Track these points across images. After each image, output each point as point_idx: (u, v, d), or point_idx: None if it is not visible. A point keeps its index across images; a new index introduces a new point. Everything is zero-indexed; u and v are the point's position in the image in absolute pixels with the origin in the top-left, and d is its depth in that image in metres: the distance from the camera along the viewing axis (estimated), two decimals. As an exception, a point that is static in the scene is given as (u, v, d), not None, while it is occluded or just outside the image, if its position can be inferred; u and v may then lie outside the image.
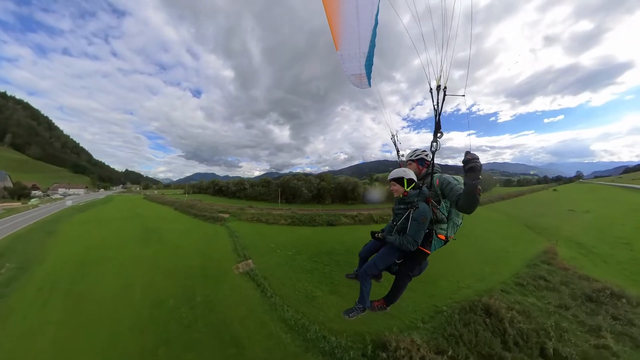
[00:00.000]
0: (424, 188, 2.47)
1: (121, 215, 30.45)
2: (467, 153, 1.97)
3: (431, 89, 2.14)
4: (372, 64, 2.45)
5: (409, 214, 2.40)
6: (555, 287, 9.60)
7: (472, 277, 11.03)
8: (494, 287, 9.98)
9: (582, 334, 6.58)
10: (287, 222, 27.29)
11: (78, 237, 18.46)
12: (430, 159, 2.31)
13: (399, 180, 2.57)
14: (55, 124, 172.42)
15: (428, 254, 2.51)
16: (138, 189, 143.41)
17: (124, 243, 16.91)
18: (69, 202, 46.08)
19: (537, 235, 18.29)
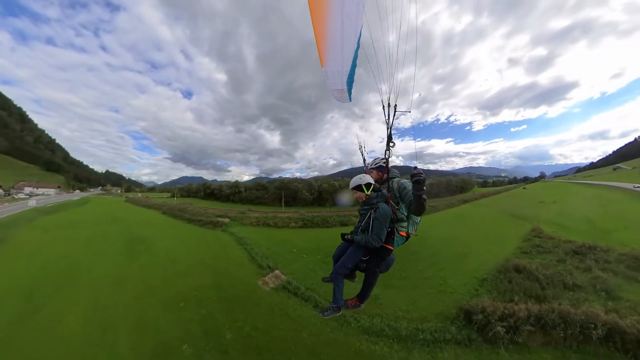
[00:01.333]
0: (384, 190, 2.74)
1: (98, 220, 25.17)
2: (414, 169, 2.25)
3: (383, 106, 2.53)
4: (353, 82, 2.75)
5: (370, 214, 2.55)
6: (551, 250, 12.66)
7: (487, 254, 13.10)
8: (508, 256, 12.07)
9: (581, 273, 9.38)
10: (299, 225, 24.62)
11: (36, 248, 13.82)
12: (386, 165, 2.78)
13: (358, 188, 2.71)
14: (30, 117, 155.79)
15: (391, 250, 2.69)
16: (119, 191, 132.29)
17: (100, 256, 12.62)
18: (32, 203, 38.30)
19: (521, 221, 21.66)
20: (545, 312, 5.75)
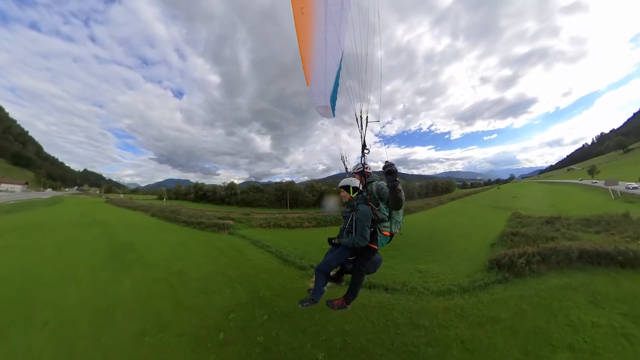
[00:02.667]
0: (364, 193, 2.90)
1: (72, 222, 20.46)
2: (386, 162, 2.40)
3: (357, 118, 2.79)
4: (336, 99, 3.07)
5: (353, 216, 2.72)
6: (530, 223, 16.23)
7: (486, 231, 16.38)
8: (502, 230, 15.02)
9: (554, 232, 12.67)
10: (313, 224, 23.08)
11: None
12: (368, 171, 3.02)
13: (347, 188, 3.00)
14: (1, 105, 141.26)
15: (376, 250, 2.76)
16: (98, 192, 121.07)
17: (75, 269, 8.90)
18: (-12, 201, 31.84)
19: (502, 210, 27.07)
20: (543, 250, 8.48)
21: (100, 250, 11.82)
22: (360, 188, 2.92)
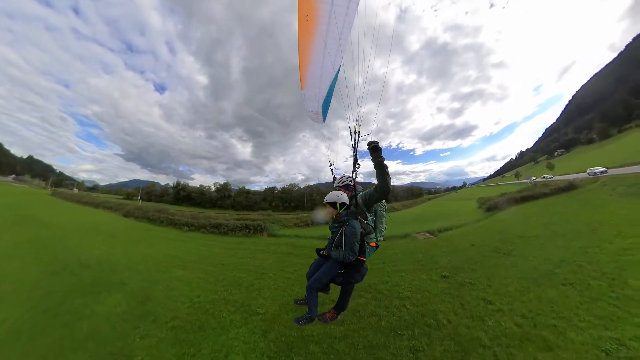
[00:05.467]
0: (352, 207, 2.82)
1: None
2: (370, 141, 2.53)
3: (350, 132, 2.82)
4: (328, 107, 3.16)
5: (342, 231, 2.67)
6: (496, 206, 18.45)
7: (471, 209, 21.12)
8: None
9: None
10: None
11: None
12: (352, 184, 2.90)
13: (333, 204, 2.82)
14: None
15: (364, 261, 2.80)
16: (44, 184, 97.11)
17: None
18: None
19: (469, 200, 31.52)
20: (498, 200, 17.19)
21: (27, 276, 5.87)
22: (347, 202, 2.82)
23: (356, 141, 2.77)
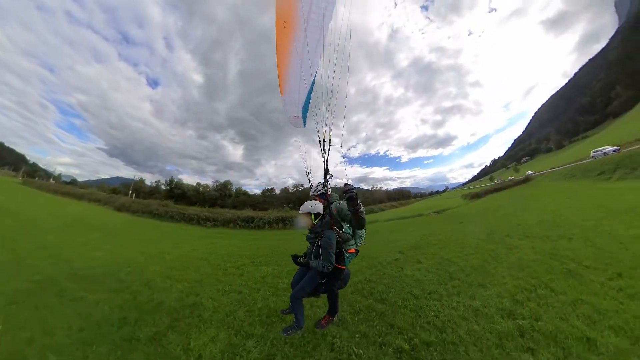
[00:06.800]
0: (327, 217, 2.73)
1: None
2: (346, 185, 2.37)
3: (320, 140, 2.73)
4: (307, 110, 3.09)
5: (318, 242, 2.62)
6: (477, 195, 27.97)
7: (460, 202, 28.48)
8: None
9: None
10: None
11: None
12: (329, 193, 2.89)
13: (308, 215, 2.75)
14: None
15: (344, 269, 2.73)
16: (15, 174, 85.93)
17: None
18: None
19: (452, 199, 38.81)
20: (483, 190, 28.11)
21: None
22: (322, 212, 2.76)
23: (327, 150, 2.70)
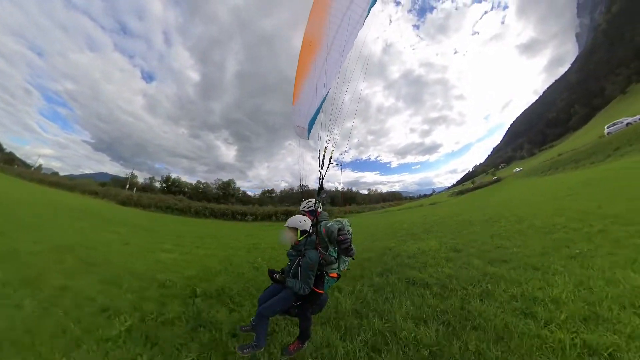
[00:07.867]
0: (313, 236, 2.54)
1: None
2: (339, 234, 2.37)
3: (319, 156, 2.71)
4: (313, 125, 3.22)
5: (298, 261, 2.39)
6: (461, 193, 38.85)
7: (450, 204, 26.83)
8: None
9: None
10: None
11: None
12: (318, 210, 2.67)
13: (294, 230, 2.54)
14: None
15: (321, 294, 2.50)
16: None
17: None
18: None
19: (440, 203, 42.45)
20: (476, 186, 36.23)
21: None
22: (310, 230, 2.56)
23: (325, 166, 2.65)
